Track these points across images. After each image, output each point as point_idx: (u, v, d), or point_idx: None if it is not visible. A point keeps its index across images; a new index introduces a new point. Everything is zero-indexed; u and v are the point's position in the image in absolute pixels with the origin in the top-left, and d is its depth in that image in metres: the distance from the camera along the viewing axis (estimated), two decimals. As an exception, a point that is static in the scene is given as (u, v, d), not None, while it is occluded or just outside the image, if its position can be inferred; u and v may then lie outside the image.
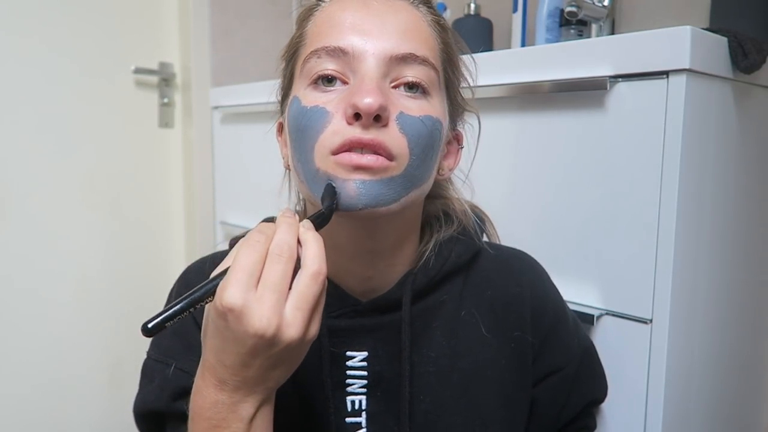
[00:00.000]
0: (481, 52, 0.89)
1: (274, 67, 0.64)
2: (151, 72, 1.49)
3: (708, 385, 0.80)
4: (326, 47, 0.53)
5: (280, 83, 0.62)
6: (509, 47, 1.28)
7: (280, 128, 0.63)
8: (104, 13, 1.40)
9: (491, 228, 0.75)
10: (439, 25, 0.58)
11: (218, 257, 0.66)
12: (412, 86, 0.53)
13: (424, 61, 0.54)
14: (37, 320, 1.34)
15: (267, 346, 0.43)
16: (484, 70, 0.86)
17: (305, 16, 0.58)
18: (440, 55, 0.57)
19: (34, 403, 1.34)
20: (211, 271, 0.48)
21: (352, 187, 0.51)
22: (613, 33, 1.12)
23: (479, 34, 1.24)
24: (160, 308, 0.68)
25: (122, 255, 1.46)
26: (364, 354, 0.60)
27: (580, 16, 1.01)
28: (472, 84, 0.65)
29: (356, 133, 0.50)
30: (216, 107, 1.45)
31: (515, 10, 1.20)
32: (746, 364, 0.91)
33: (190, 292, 0.45)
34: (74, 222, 1.38)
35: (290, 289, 0.45)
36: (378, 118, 0.50)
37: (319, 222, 0.50)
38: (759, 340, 0.92)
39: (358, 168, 0.50)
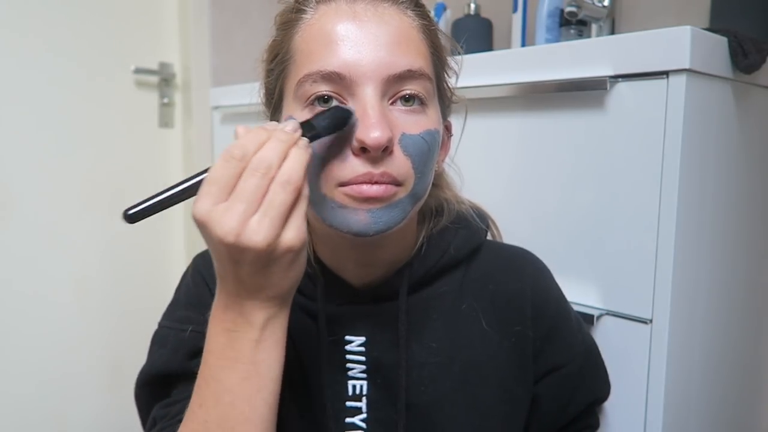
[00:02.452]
0: (481, 52, 0.89)
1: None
2: (151, 72, 1.49)
3: (708, 385, 0.80)
4: (321, 71, 0.52)
5: (266, 90, 0.61)
6: (509, 47, 1.28)
7: None
8: (104, 14, 1.40)
9: (495, 229, 0.75)
10: (429, 30, 0.57)
11: None
12: (409, 98, 0.53)
13: (420, 75, 0.53)
14: (37, 320, 1.34)
15: (237, 251, 0.45)
16: (484, 70, 0.86)
17: (289, 25, 0.57)
18: (431, 59, 0.56)
19: (34, 403, 1.34)
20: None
21: (364, 216, 0.52)
22: (613, 33, 1.12)
23: (479, 34, 1.25)
24: (160, 308, 0.68)
25: (122, 255, 1.46)
26: (362, 339, 0.62)
27: (580, 16, 1.01)
28: (458, 75, 0.65)
29: (366, 168, 0.51)
30: (216, 107, 1.45)
31: (515, 10, 1.20)
32: (746, 365, 0.91)
33: (170, 187, 0.47)
34: (74, 222, 1.39)
35: None
36: (385, 149, 0.51)
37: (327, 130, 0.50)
38: (759, 341, 0.92)
39: (369, 199, 0.51)
